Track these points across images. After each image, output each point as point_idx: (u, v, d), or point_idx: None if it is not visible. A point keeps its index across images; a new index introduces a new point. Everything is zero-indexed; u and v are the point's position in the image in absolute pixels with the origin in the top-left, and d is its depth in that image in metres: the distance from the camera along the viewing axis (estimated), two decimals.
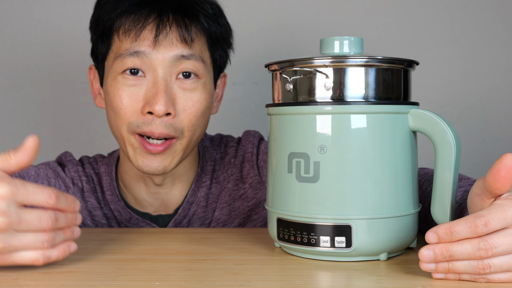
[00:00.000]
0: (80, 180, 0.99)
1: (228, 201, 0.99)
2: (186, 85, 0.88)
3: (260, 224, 0.99)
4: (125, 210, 0.97)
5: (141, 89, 0.87)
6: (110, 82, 0.89)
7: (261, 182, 0.99)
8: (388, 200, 0.67)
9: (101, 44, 0.92)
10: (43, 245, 0.63)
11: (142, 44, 0.87)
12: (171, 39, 0.87)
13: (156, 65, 0.87)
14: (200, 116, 0.89)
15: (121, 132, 0.89)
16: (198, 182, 0.99)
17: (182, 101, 0.88)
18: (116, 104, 0.88)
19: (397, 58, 0.68)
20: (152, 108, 0.85)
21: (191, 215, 0.97)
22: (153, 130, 0.86)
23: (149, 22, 0.87)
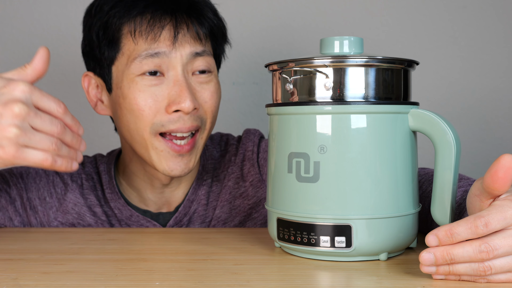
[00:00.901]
0: (79, 177, 0.99)
1: (229, 199, 0.99)
2: (201, 78, 0.91)
3: (261, 222, 1.00)
4: (126, 207, 0.97)
5: (162, 89, 0.87)
6: (128, 85, 0.88)
7: (262, 181, 0.99)
8: (388, 200, 0.67)
9: (108, 49, 0.91)
10: (52, 146, 0.65)
11: (161, 44, 0.87)
12: (188, 38, 0.89)
13: (175, 64, 0.88)
14: (217, 106, 0.93)
15: (143, 135, 0.88)
16: (199, 180, 0.99)
17: (202, 94, 0.90)
18: (138, 106, 0.87)
19: (397, 58, 0.68)
20: (180, 106, 0.86)
21: (192, 213, 0.98)
22: (181, 126, 0.87)
23: (166, 23, 0.88)
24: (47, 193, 0.98)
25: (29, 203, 0.97)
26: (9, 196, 0.96)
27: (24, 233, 0.89)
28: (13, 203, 0.96)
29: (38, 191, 0.98)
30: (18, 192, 0.97)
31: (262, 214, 0.99)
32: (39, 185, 0.98)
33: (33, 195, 0.97)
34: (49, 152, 0.66)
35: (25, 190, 0.97)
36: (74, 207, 0.97)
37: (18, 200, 0.97)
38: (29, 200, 0.97)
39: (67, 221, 0.97)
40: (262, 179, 0.99)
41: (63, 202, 0.98)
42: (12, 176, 0.97)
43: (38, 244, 0.81)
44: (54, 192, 0.98)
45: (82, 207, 0.97)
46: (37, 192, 0.98)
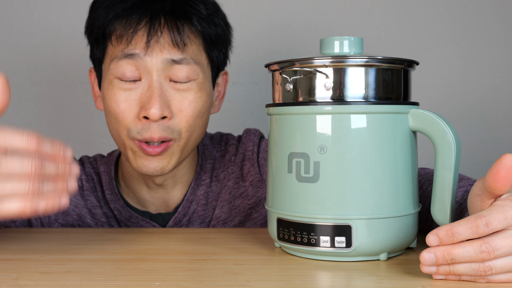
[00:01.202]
0: (80, 178, 1.00)
1: (229, 199, 0.99)
2: (180, 86, 0.88)
3: (261, 222, 1.00)
4: (125, 209, 0.97)
5: (136, 93, 0.87)
6: (107, 85, 0.89)
7: (262, 180, 0.99)
8: (388, 200, 0.67)
9: (96, 48, 0.92)
10: (28, 193, 0.59)
11: (134, 47, 0.86)
12: (162, 44, 0.86)
13: (150, 69, 0.86)
14: (197, 116, 0.89)
15: (121, 136, 0.89)
16: (197, 181, 0.99)
17: (178, 102, 0.87)
18: (113, 109, 0.88)
19: (397, 58, 0.68)
20: (147, 113, 0.85)
21: (191, 213, 0.98)
22: (152, 135, 0.86)
23: (140, 27, 0.86)
24: None
25: None
26: None
27: (24, 233, 0.89)
28: None
29: None
30: None
31: (262, 214, 0.99)
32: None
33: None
34: (27, 198, 0.59)
35: None
36: (75, 208, 0.97)
37: None
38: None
39: (67, 222, 0.97)
40: (262, 179, 0.99)
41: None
42: None
43: (38, 244, 0.81)
44: None
45: (82, 209, 0.97)
46: None
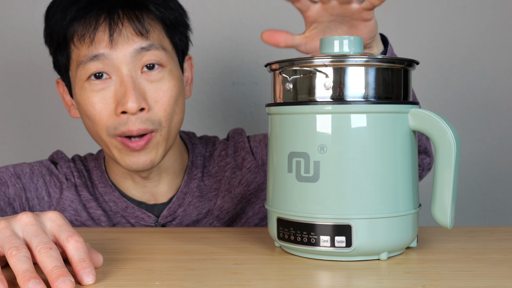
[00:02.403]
0: (72, 175, 1.01)
1: (229, 189, 1.01)
2: (152, 76, 0.88)
3: (259, 206, 1.01)
4: (121, 199, 0.98)
5: (109, 91, 0.87)
6: (79, 91, 0.90)
7: (259, 166, 1.00)
8: (388, 200, 0.67)
9: (60, 55, 0.92)
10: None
11: (99, 46, 0.86)
12: (126, 35, 0.86)
13: (119, 64, 0.87)
14: (174, 103, 0.90)
15: (101, 137, 0.90)
16: (190, 175, 1.01)
17: (153, 93, 0.88)
18: (90, 112, 0.88)
19: (397, 58, 0.68)
20: (125, 107, 0.85)
21: (187, 204, 0.99)
22: (130, 128, 0.87)
23: (100, 23, 0.86)
24: (45, 192, 0.98)
25: (27, 203, 0.97)
26: (8, 196, 0.96)
27: None
28: (12, 203, 0.96)
29: (37, 191, 0.98)
30: (16, 192, 0.97)
31: (260, 198, 1.02)
32: (37, 185, 0.98)
33: (31, 195, 0.98)
34: None
35: (24, 190, 0.97)
36: (71, 204, 0.98)
37: (17, 201, 0.97)
38: (28, 200, 0.97)
39: None
40: (259, 165, 1.00)
41: (60, 200, 0.98)
42: (10, 177, 0.98)
43: None
44: (52, 191, 0.99)
45: (78, 204, 0.98)
46: (35, 192, 0.98)
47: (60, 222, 0.64)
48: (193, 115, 1.37)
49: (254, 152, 1.02)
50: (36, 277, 0.57)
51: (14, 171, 0.98)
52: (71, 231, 0.63)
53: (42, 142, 1.39)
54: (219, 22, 1.35)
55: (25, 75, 1.37)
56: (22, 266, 0.57)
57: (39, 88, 1.37)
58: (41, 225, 0.63)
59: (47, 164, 1.01)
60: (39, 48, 1.35)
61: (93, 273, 0.60)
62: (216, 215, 1.00)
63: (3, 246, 0.60)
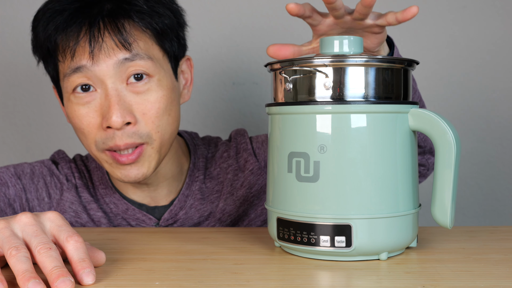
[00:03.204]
0: (73, 176, 1.00)
1: (231, 191, 1.00)
2: (138, 88, 0.85)
3: (261, 208, 1.01)
4: (121, 201, 0.97)
5: (95, 105, 0.86)
6: (66, 103, 0.89)
7: (261, 168, 1.00)
8: (388, 200, 0.67)
9: (48, 66, 0.91)
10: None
11: (80, 60, 0.84)
12: (106, 49, 0.84)
13: (102, 77, 0.84)
14: (163, 114, 0.87)
15: (92, 151, 0.89)
16: (191, 177, 1.00)
17: (139, 106, 0.85)
18: (78, 125, 0.87)
19: (397, 58, 0.68)
20: (109, 122, 0.83)
21: (188, 207, 0.98)
22: (117, 143, 0.85)
23: (81, 37, 0.84)
24: (45, 193, 0.98)
25: (28, 204, 0.97)
26: (8, 197, 0.96)
27: None
28: (12, 204, 0.96)
29: (37, 191, 0.98)
30: (17, 193, 0.97)
31: (263, 200, 1.01)
32: (38, 186, 0.98)
33: (31, 195, 0.97)
34: None
35: (24, 191, 0.97)
36: (71, 205, 0.98)
37: (17, 201, 0.97)
38: (28, 201, 0.97)
39: None
40: (261, 167, 1.00)
41: (60, 201, 0.98)
42: (11, 177, 0.97)
43: None
44: (52, 192, 0.98)
45: (78, 205, 0.98)
46: (35, 193, 0.98)
47: (60, 222, 0.64)
48: (193, 115, 1.37)
49: (257, 154, 1.02)
50: (35, 277, 0.57)
51: (14, 172, 0.98)
52: (71, 231, 0.63)
53: (42, 142, 1.39)
54: (219, 22, 1.35)
55: (25, 75, 1.37)
56: (21, 266, 0.57)
57: (39, 88, 1.37)
58: (40, 225, 0.62)
59: (48, 164, 1.01)
60: None
61: (93, 273, 0.60)
62: (218, 218, 1.00)
63: (3, 246, 0.60)
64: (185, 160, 1.02)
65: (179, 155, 1.01)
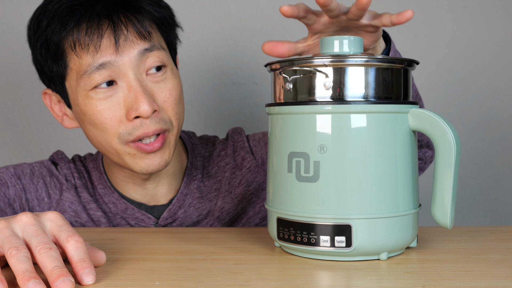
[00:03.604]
0: (72, 176, 1.00)
1: (229, 189, 1.00)
2: (157, 77, 0.88)
3: (260, 205, 1.01)
4: (120, 200, 0.98)
5: (118, 98, 0.86)
6: (83, 101, 0.88)
7: (259, 165, 1.00)
8: (388, 200, 0.67)
9: (55, 65, 0.89)
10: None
11: (104, 54, 0.85)
12: (131, 40, 0.86)
13: (125, 70, 0.86)
14: (179, 102, 0.91)
15: (112, 145, 0.88)
16: (189, 176, 1.00)
17: (160, 94, 0.88)
18: (99, 121, 0.87)
19: (397, 58, 0.68)
20: (139, 111, 0.85)
21: (187, 206, 0.99)
22: (146, 130, 0.86)
23: (104, 30, 0.85)
24: (45, 193, 0.98)
25: (27, 204, 0.97)
26: (8, 197, 0.96)
27: None
28: (12, 204, 0.96)
29: (37, 192, 0.98)
30: (17, 193, 0.97)
31: (261, 198, 1.01)
32: (37, 186, 0.98)
33: (31, 196, 0.97)
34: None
35: (24, 191, 0.97)
36: (71, 205, 0.98)
37: (17, 201, 0.97)
38: (28, 201, 0.97)
39: None
40: (259, 164, 1.00)
41: (59, 201, 0.98)
42: (11, 177, 0.97)
43: None
44: (52, 192, 0.98)
45: (78, 205, 0.98)
46: (35, 193, 0.98)
47: (60, 222, 0.64)
48: (193, 115, 1.37)
49: (254, 152, 1.02)
50: (36, 277, 0.57)
51: (14, 172, 0.98)
52: (71, 231, 0.63)
53: (42, 142, 1.39)
54: (219, 22, 1.35)
55: (25, 75, 1.37)
56: (22, 266, 0.58)
57: (39, 88, 1.37)
58: (41, 225, 0.63)
59: (47, 164, 1.01)
60: None
61: (93, 273, 0.60)
62: (217, 216, 1.00)
63: (3, 246, 0.60)
64: (185, 158, 1.03)
65: (180, 152, 1.01)
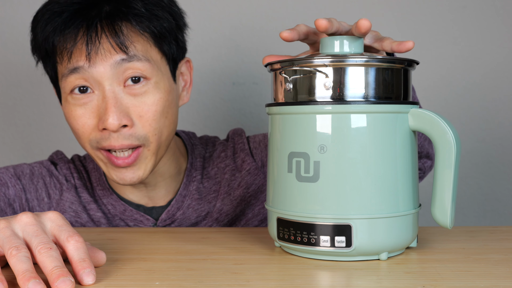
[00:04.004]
0: (72, 177, 1.00)
1: (228, 191, 1.00)
2: (135, 90, 0.85)
3: (259, 208, 1.01)
4: (119, 202, 0.98)
5: (92, 106, 0.86)
6: (64, 104, 0.89)
7: (259, 168, 1.00)
8: (388, 200, 0.67)
9: (47, 66, 0.91)
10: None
11: (77, 61, 0.85)
12: (103, 52, 0.84)
13: (100, 79, 0.85)
14: (160, 117, 0.87)
15: (87, 150, 0.90)
16: (189, 177, 1.00)
17: (136, 108, 0.85)
18: (73, 125, 0.88)
19: (397, 58, 0.68)
20: (105, 124, 0.83)
21: (186, 207, 0.98)
22: (112, 143, 0.85)
23: (78, 39, 0.84)
24: (45, 194, 0.98)
25: (27, 204, 0.97)
26: (8, 197, 0.96)
27: None
28: (12, 204, 0.96)
29: (36, 192, 0.98)
30: (16, 193, 0.97)
31: (260, 200, 1.01)
32: (37, 186, 0.98)
33: (31, 196, 0.97)
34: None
35: (24, 191, 0.97)
36: (71, 205, 0.98)
37: (17, 202, 0.97)
38: (28, 201, 0.97)
39: None
40: (258, 167, 1.00)
41: (59, 202, 0.98)
42: (11, 177, 0.97)
43: None
44: (52, 193, 0.98)
45: (78, 205, 0.98)
46: (35, 193, 0.98)
47: (60, 222, 0.64)
48: (193, 115, 1.37)
49: (254, 154, 1.02)
50: (36, 277, 0.57)
51: (14, 172, 0.98)
52: (71, 231, 0.63)
53: (42, 142, 1.39)
54: (219, 22, 1.35)
55: (25, 75, 1.37)
56: (22, 266, 0.58)
57: (39, 88, 1.37)
58: (41, 225, 0.63)
59: (47, 165, 1.01)
60: None
61: (93, 273, 0.60)
62: (216, 218, 1.00)
63: (3, 246, 0.60)
64: (183, 160, 1.02)
65: (177, 156, 1.00)
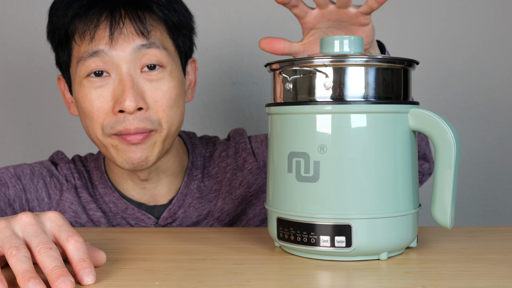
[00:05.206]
0: (72, 177, 1.00)
1: (229, 190, 1.00)
2: (152, 76, 0.88)
3: (260, 208, 1.01)
4: (121, 200, 0.98)
5: (108, 89, 0.87)
6: (77, 88, 0.89)
7: (260, 167, 1.00)
8: (388, 200, 0.67)
9: (61, 52, 0.92)
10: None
11: (99, 43, 0.86)
12: (126, 34, 0.86)
13: (118, 62, 0.86)
14: (173, 105, 0.89)
15: (97, 136, 0.89)
16: (190, 176, 1.00)
17: (152, 93, 0.87)
18: (87, 109, 0.88)
19: (397, 58, 0.68)
20: (122, 106, 0.85)
21: (187, 206, 0.99)
22: (127, 126, 0.86)
23: (101, 21, 0.86)
24: (45, 194, 0.98)
25: (27, 204, 0.97)
26: (8, 197, 0.96)
27: None
28: (12, 204, 0.96)
29: (37, 192, 0.98)
30: (17, 193, 0.97)
31: (261, 200, 1.01)
32: (37, 186, 0.98)
33: (31, 196, 0.98)
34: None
35: (24, 191, 0.97)
36: (71, 205, 0.98)
37: (17, 202, 0.97)
38: (28, 201, 0.97)
39: None
40: (260, 166, 1.00)
41: (59, 202, 0.98)
42: (11, 178, 0.97)
43: None
44: (52, 193, 0.98)
45: (78, 206, 0.98)
46: (35, 193, 0.98)
47: (60, 222, 0.64)
48: (193, 115, 1.37)
49: (256, 153, 1.02)
50: (36, 277, 0.57)
51: (14, 172, 0.98)
52: (71, 231, 0.63)
53: (42, 142, 1.39)
54: (219, 22, 1.35)
55: (25, 75, 1.37)
56: (22, 266, 0.58)
57: (39, 88, 1.37)
58: (41, 225, 0.63)
59: (47, 165, 1.01)
60: (39, 48, 1.35)
61: (93, 273, 0.60)
62: (217, 217, 1.00)
63: (3, 246, 0.60)
64: (186, 158, 1.02)
65: (180, 153, 1.01)
